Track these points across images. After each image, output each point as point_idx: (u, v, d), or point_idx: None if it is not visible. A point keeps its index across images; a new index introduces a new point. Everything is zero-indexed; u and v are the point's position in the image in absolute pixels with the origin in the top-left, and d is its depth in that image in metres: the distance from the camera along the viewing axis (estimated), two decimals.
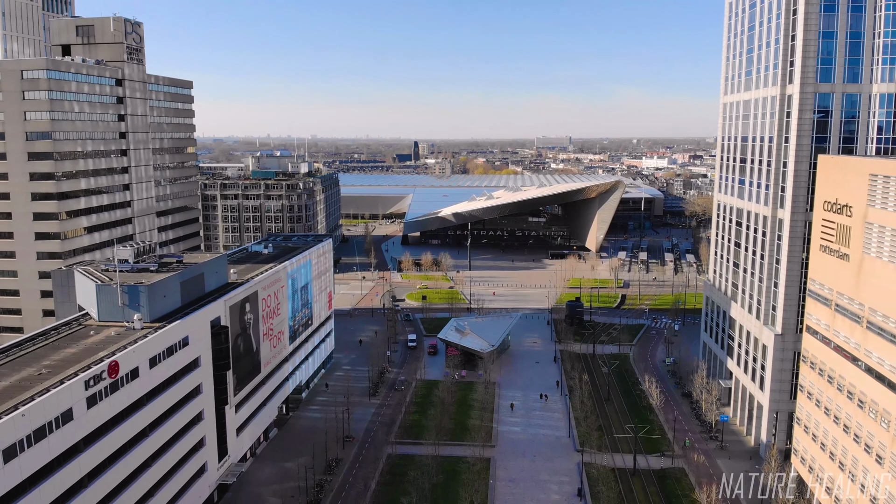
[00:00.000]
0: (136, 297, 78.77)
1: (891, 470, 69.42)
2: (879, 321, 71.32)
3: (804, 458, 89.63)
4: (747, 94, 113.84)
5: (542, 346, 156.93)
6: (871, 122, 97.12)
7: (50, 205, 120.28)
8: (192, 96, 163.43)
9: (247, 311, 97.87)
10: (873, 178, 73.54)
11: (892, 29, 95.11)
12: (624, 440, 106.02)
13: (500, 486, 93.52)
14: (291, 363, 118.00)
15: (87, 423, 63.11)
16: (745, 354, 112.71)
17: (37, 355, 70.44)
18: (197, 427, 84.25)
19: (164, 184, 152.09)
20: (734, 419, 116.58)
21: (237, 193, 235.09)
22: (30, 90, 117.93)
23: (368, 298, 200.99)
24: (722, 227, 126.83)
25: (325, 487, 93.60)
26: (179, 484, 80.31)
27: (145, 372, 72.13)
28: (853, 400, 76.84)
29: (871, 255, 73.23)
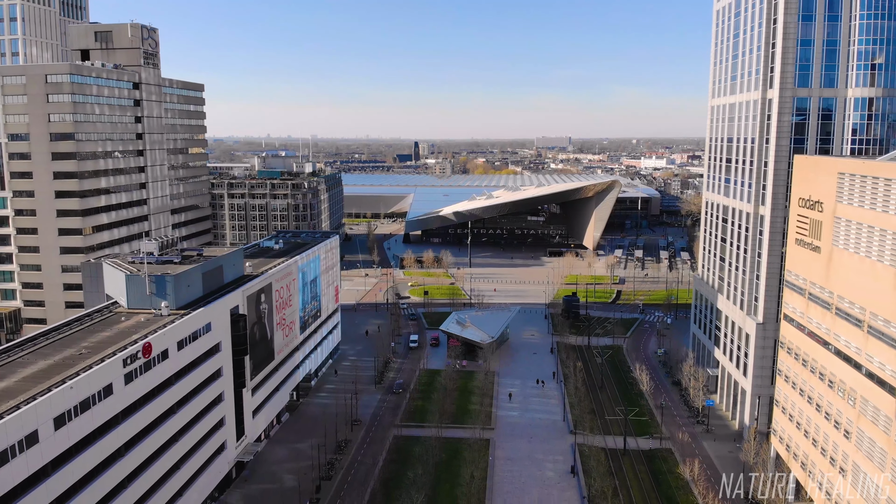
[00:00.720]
0: (163, 287, 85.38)
1: (857, 443, 75.97)
2: (846, 307, 77.90)
3: (782, 437, 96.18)
4: (732, 98, 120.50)
5: (540, 339, 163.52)
6: (846, 125, 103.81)
7: (73, 202, 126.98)
8: (203, 98, 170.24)
9: (262, 302, 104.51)
10: (841, 176, 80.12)
11: (866, 37, 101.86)
12: (615, 423, 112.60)
13: (498, 464, 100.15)
14: (302, 352, 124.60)
15: (125, 398, 69.72)
16: (731, 343, 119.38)
17: (74, 338, 77.04)
18: (218, 407, 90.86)
19: (178, 182, 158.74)
20: (720, 405, 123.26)
21: (244, 192, 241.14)
22: (54, 93, 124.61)
23: (372, 294, 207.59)
24: (710, 224, 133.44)
25: (335, 465, 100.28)
26: (202, 459, 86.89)
27: (174, 354, 78.75)
28: (824, 381, 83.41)
29: (839, 246, 79.80)
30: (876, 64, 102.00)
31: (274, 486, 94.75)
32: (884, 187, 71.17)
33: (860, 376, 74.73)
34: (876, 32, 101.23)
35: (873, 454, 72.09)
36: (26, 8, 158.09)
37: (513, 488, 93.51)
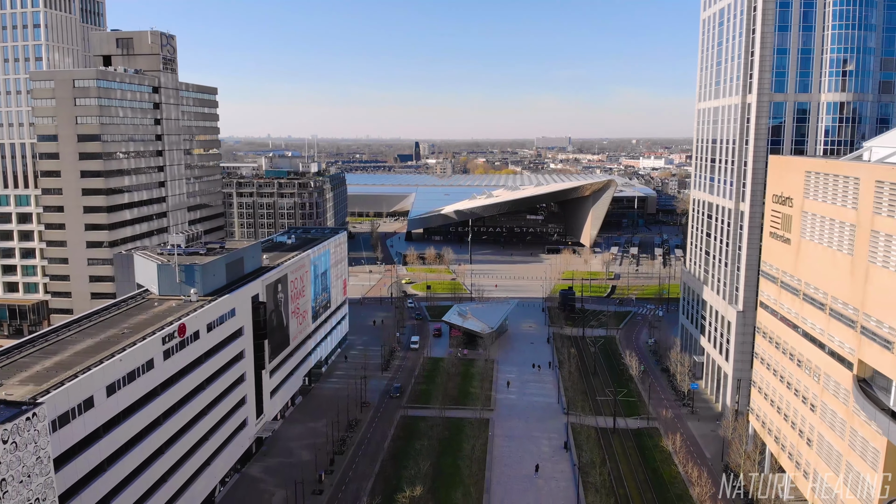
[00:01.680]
0: (192, 275, 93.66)
1: (821, 415, 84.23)
2: (812, 293, 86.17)
3: (758, 415, 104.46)
4: (717, 102, 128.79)
5: (537, 330, 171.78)
6: (820, 127, 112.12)
7: (99, 199, 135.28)
8: (216, 101, 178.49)
9: (279, 291, 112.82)
10: (808, 174, 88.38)
11: (837, 46, 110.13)
12: (606, 404, 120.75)
13: (497, 440, 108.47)
14: (314, 340, 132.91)
15: (164, 372, 78.00)
16: (714, 331, 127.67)
17: (115, 320, 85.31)
18: (240, 386, 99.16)
19: (194, 181, 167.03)
20: (705, 389, 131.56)
21: (252, 192, 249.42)
22: (81, 97, 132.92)
23: (377, 289, 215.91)
24: (696, 220, 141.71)
25: (347, 441, 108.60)
26: (227, 433, 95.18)
27: (204, 335, 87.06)
28: (794, 361, 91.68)
29: (806, 238, 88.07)
30: (847, 71, 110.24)
31: (291, 460, 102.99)
32: (843, 184, 79.41)
33: (823, 355, 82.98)
34: (847, 42, 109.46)
35: (834, 424, 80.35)
36: (49, 15, 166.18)
37: (510, 460, 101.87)
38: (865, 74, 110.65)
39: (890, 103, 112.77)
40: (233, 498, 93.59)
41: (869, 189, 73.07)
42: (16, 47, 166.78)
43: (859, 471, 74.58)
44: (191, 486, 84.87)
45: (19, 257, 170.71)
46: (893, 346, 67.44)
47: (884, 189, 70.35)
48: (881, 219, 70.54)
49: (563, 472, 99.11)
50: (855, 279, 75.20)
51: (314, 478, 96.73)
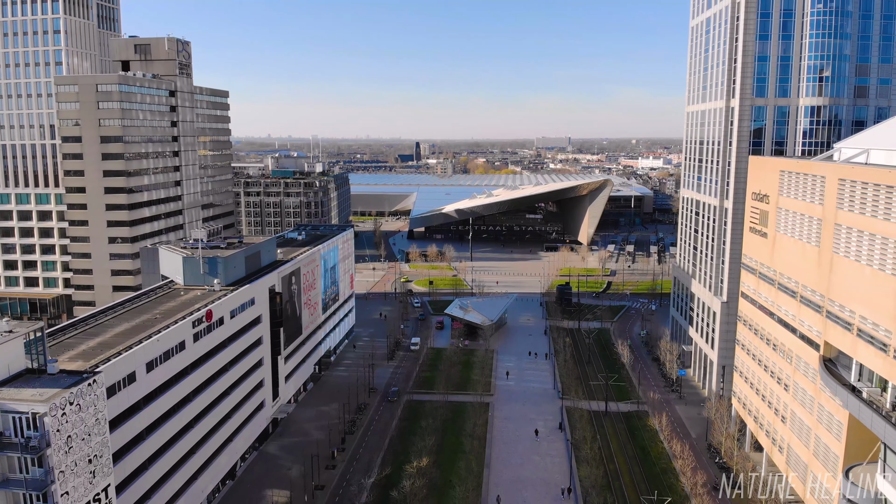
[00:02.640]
0: (215, 267, 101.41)
1: (793, 393, 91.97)
2: (785, 282, 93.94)
3: (740, 397, 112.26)
4: (703, 105, 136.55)
5: (535, 323, 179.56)
6: (798, 129, 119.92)
7: (121, 198, 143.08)
8: (228, 104, 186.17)
9: (293, 283, 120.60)
10: (782, 173, 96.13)
11: (814, 53, 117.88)
12: (599, 389, 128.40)
13: (497, 421, 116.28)
14: (323, 330, 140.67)
15: (194, 353, 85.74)
16: (701, 322, 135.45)
17: (146, 307, 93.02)
18: (258, 370, 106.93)
19: (206, 180, 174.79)
20: (693, 376, 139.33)
21: (259, 191, 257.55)
22: (104, 101, 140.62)
23: (381, 285, 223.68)
24: (686, 218, 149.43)
25: (357, 422, 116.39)
26: (246, 413, 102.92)
27: (228, 321, 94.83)
28: (769, 345, 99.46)
29: (781, 232, 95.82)
30: (823, 77, 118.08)
31: (305, 439, 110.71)
32: (811, 182, 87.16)
33: (795, 338, 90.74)
34: (823, 49, 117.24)
35: (805, 401, 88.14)
36: (68, 21, 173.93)
37: (509, 439, 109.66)
38: (841, 80, 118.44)
39: (864, 106, 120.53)
40: (253, 472, 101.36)
41: (833, 186, 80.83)
42: (36, 52, 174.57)
43: (826, 442, 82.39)
44: (215, 459, 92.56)
45: (39, 253, 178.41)
46: (853, 327, 75.15)
47: (845, 186, 78.10)
48: (843, 213, 78.27)
49: (558, 449, 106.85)
50: (821, 268, 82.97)
51: (327, 454, 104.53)
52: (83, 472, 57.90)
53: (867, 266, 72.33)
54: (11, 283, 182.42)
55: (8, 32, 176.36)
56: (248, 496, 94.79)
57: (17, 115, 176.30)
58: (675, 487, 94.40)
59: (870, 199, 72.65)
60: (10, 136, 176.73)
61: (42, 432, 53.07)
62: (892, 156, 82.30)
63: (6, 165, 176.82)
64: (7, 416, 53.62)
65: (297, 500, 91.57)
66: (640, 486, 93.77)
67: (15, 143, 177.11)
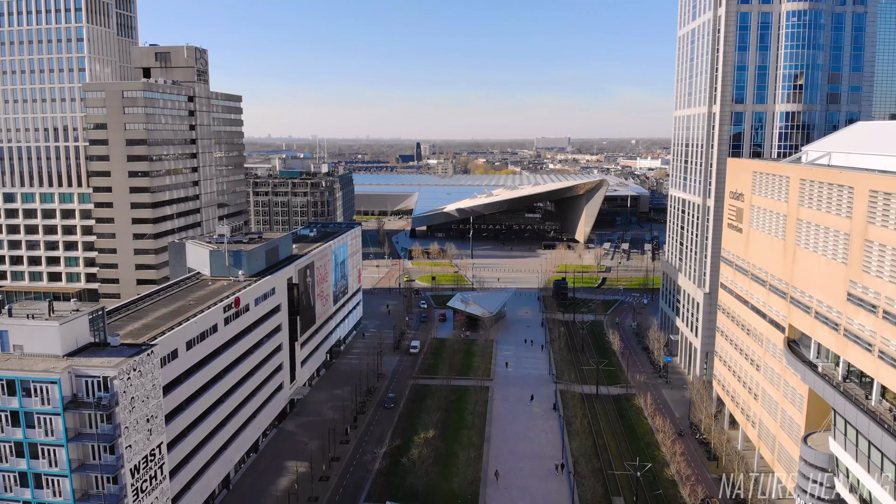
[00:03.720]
0: (240, 260, 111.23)
1: (764, 372, 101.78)
2: (757, 272, 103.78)
3: (720, 380, 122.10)
4: (689, 111, 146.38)
5: (532, 316, 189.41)
6: (774, 133, 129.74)
7: (145, 197, 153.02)
8: (241, 108, 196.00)
9: (308, 276, 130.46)
10: (755, 174, 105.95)
11: (789, 63, 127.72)
12: (591, 374, 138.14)
13: (496, 403, 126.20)
14: (334, 320, 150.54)
15: (224, 335, 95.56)
16: (687, 312, 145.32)
17: (178, 295, 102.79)
18: (278, 354, 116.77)
19: (221, 181, 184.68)
20: (679, 363, 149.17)
21: (268, 190, 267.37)
22: (129, 106, 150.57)
23: (385, 280, 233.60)
24: (673, 216, 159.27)
25: (367, 403, 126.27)
26: (267, 393, 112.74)
27: (252, 308, 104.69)
28: (744, 330, 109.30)
29: (753, 227, 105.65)
30: (798, 84, 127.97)
31: (320, 418, 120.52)
32: (778, 182, 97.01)
33: (765, 322, 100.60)
34: (797, 59, 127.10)
35: (773, 378, 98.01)
36: (90, 30, 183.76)
37: (507, 417, 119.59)
38: (814, 87, 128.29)
39: (836, 112, 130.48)
40: (274, 446, 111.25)
41: (796, 186, 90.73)
42: (60, 59, 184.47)
43: (791, 414, 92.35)
44: (241, 433, 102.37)
45: (62, 249, 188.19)
46: (812, 310, 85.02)
47: (805, 185, 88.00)
48: (804, 209, 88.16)
49: (552, 426, 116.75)
50: (786, 259, 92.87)
51: (341, 430, 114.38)
52: (142, 429, 67.79)
53: (822, 256, 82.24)
54: (35, 277, 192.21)
55: (33, 40, 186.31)
56: (271, 466, 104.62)
57: (42, 118, 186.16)
58: (656, 457, 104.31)
59: (825, 196, 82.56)
60: (35, 139, 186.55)
61: (112, 393, 62.88)
62: (850, 158, 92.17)
63: (31, 166, 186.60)
64: (81, 380, 63.39)
65: (316, 469, 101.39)
66: (626, 455, 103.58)
67: (39, 144, 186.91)
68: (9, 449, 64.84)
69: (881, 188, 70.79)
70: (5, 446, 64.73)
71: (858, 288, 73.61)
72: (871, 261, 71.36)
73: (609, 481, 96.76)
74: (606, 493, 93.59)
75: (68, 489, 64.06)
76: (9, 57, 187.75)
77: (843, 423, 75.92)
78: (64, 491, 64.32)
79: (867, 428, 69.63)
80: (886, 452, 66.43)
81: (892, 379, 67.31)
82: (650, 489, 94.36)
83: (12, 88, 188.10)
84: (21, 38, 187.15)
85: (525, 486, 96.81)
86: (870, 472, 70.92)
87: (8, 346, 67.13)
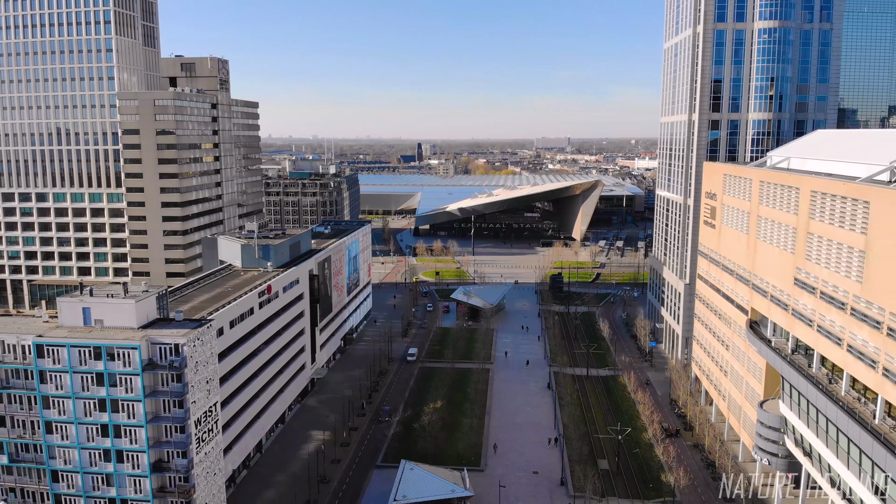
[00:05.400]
0: (268, 253, 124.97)
1: (732, 351, 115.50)
2: (727, 263, 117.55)
3: (697, 361, 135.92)
4: (673, 118, 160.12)
5: (530, 308, 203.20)
6: (748, 139, 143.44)
7: (174, 196, 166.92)
8: (258, 114, 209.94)
9: (326, 268, 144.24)
10: (725, 176, 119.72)
11: (762, 76, 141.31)
12: (582, 358, 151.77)
13: (496, 382, 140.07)
14: (348, 310, 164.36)
15: (258, 318, 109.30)
16: (670, 301, 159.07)
17: (216, 283, 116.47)
18: (301, 338, 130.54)
19: (241, 182, 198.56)
20: (664, 349, 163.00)
21: (279, 191, 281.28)
22: (160, 113, 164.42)
23: (391, 276, 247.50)
24: (660, 214, 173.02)
25: (379, 383, 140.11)
26: (292, 371, 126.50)
27: (281, 295, 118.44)
28: (716, 314, 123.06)
29: (725, 224, 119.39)
30: (769, 95, 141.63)
31: (338, 395, 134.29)
32: (743, 183, 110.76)
33: (732, 307, 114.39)
34: (769, 72, 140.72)
35: (739, 355, 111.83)
36: (119, 41, 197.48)
37: (507, 394, 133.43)
38: (784, 98, 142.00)
39: (804, 120, 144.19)
40: (299, 419, 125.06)
41: (756, 186, 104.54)
42: (91, 68, 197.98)
43: (752, 386, 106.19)
44: (271, 405, 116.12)
45: (92, 245, 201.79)
46: (768, 294, 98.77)
47: (763, 186, 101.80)
48: (762, 207, 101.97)
49: (546, 402, 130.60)
50: (749, 251, 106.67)
51: (358, 405, 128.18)
52: (203, 389, 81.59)
53: (776, 247, 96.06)
54: (65, 272, 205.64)
55: (65, 50, 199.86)
56: (297, 435, 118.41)
57: (73, 123, 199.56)
58: (636, 425, 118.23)
59: (778, 196, 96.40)
60: (67, 142, 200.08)
61: (182, 357, 76.61)
62: (805, 163, 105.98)
63: (62, 168, 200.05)
64: (155, 347, 77.12)
65: (338, 437, 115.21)
66: (610, 423, 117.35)
67: (71, 148, 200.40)
68: (93, 405, 78.53)
69: (820, 189, 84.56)
70: (90, 402, 78.44)
71: (803, 273, 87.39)
72: (812, 250, 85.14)
73: (594, 444, 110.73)
74: (592, 453, 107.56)
75: (143, 437, 77.80)
76: (41, 66, 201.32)
77: (790, 388, 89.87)
78: (139, 439, 78.03)
79: (807, 390, 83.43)
80: (822, 409, 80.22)
81: (829, 349, 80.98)
82: (629, 449, 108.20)
83: (45, 95, 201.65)
84: (53, 48, 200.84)
85: (521, 451, 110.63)
86: (809, 427, 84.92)
87: (90, 321, 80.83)
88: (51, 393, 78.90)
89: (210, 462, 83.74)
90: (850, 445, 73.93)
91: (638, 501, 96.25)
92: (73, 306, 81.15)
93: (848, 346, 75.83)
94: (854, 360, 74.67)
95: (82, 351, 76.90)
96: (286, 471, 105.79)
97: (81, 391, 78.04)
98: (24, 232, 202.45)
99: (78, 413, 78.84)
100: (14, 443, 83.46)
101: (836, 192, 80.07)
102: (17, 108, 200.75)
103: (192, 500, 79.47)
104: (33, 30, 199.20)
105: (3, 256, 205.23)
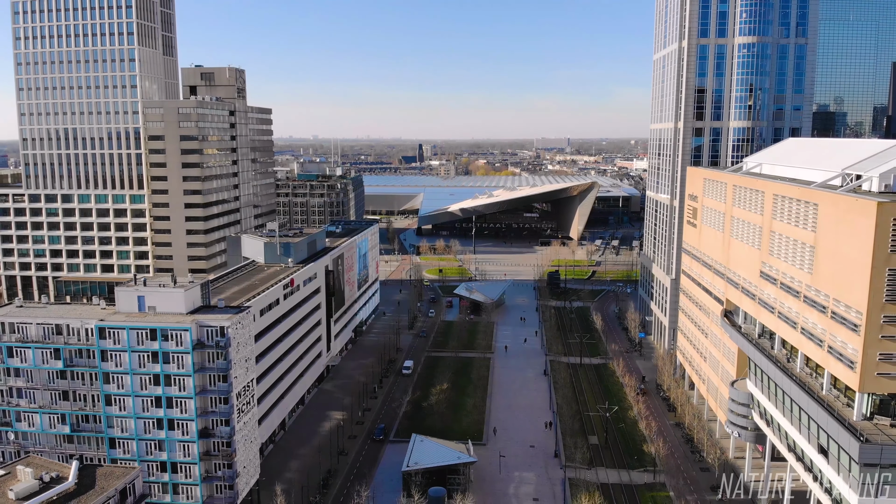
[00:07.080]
0: (289, 250, 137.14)
1: (710, 338, 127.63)
2: (705, 259, 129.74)
3: (681, 349, 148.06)
4: (661, 125, 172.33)
5: (528, 303, 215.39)
6: (729, 145, 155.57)
7: (197, 197, 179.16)
8: (271, 120, 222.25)
9: (339, 264, 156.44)
10: (705, 180, 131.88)
11: (741, 87, 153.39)
12: (576, 348, 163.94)
13: (496, 370, 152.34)
14: (358, 304, 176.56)
15: (283, 308, 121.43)
16: (658, 296, 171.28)
17: (243, 278, 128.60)
18: (318, 328, 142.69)
19: (256, 184, 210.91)
20: (652, 339, 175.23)
21: (288, 192, 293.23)
22: (184, 120, 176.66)
23: (396, 273, 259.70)
24: (650, 214, 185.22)
25: (389, 370, 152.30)
26: (310, 358, 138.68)
27: (301, 288, 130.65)
28: (697, 306, 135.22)
29: (705, 224, 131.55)
30: (748, 105, 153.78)
31: (351, 381, 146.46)
32: (720, 187, 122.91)
33: (710, 298, 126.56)
34: (748, 84, 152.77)
35: (716, 342, 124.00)
36: (141, 51, 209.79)
37: (506, 380, 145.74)
38: (762, 107, 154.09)
39: (781, 127, 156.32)
40: (316, 401, 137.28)
41: (730, 189, 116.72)
42: (114, 77, 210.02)
43: (727, 368, 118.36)
44: (293, 388, 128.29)
45: (115, 244, 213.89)
46: (740, 286, 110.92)
47: (736, 189, 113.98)
48: (735, 208, 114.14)
49: (542, 387, 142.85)
50: (724, 247, 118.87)
51: (370, 389, 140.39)
52: (244, 366, 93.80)
53: (746, 244, 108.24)
54: (90, 269, 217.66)
55: (89, 59, 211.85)
56: (316, 415, 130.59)
57: (97, 128, 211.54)
58: (623, 404, 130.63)
59: (747, 198, 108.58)
60: (92, 146, 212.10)
61: (227, 338, 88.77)
62: (775, 168, 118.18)
63: (87, 171, 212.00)
64: (203, 329, 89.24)
65: (354, 415, 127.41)
66: (599, 402, 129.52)
67: (95, 152, 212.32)
68: (149, 379, 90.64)
69: (780, 193, 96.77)
70: (146, 377, 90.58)
71: (767, 267, 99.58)
72: (774, 246, 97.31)
73: (585, 421, 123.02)
74: (582, 428, 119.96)
75: (193, 407, 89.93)
76: (67, 74, 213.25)
77: (755, 368, 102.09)
78: (189, 409, 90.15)
79: (769, 368, 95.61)
80: (780, 384, 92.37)
81: (787, 332, 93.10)
82: (616, 424, 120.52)
83: (70, 102, 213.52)
84: (79, 57, 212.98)
85: (519, 427, 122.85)
86: (771, 401, 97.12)
87: (144, 307, 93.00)
88: (111, 370, 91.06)
89: (248, 430, 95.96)
90: (801, 413, 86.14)
91: (623, 471, 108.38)
92: (129, 295, 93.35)
93: (801, 329, 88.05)
94: (806, 341, 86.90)
95: (140, 332, 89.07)
96: (308, 444, 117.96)
97: (138, 367, 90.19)
98: (50, 231, 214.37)
99: (135, 387, 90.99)
100: (76, 414, 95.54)
101: (792, 196, 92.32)
102: (44, 114, 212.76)
103: (233, 462, 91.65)
104: (60, 40, 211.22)
105: (31, 254, 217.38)
